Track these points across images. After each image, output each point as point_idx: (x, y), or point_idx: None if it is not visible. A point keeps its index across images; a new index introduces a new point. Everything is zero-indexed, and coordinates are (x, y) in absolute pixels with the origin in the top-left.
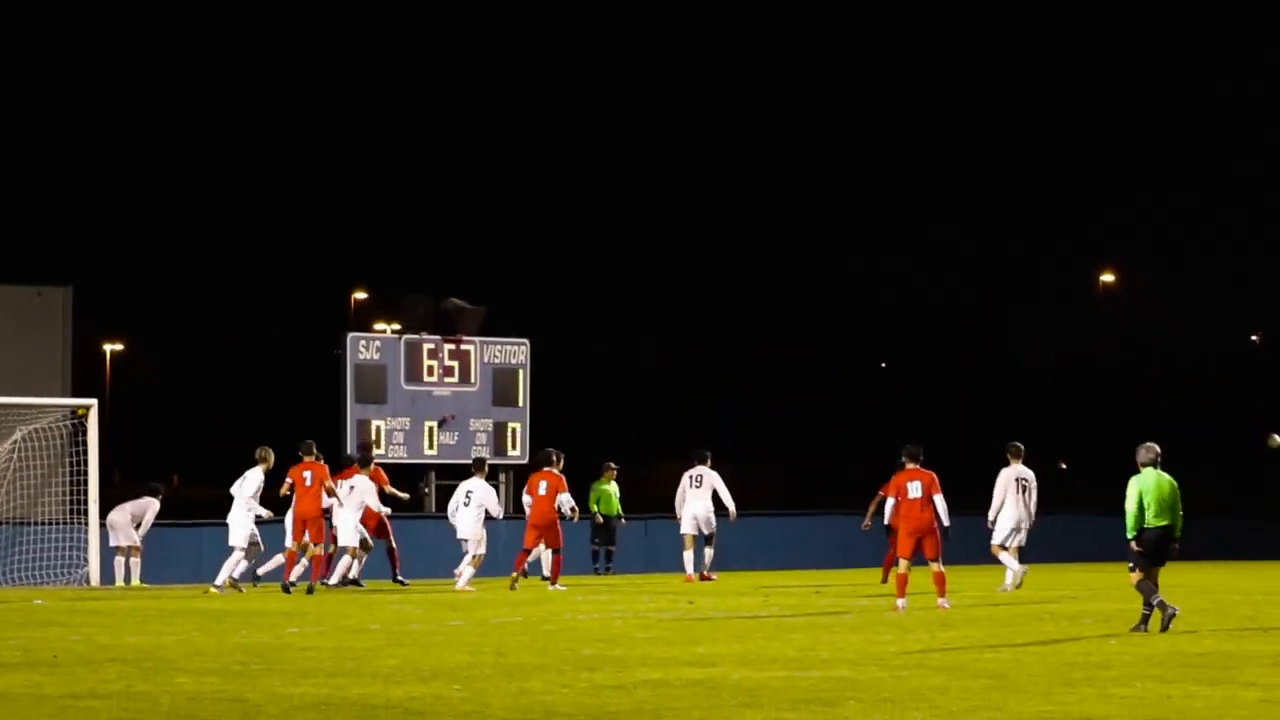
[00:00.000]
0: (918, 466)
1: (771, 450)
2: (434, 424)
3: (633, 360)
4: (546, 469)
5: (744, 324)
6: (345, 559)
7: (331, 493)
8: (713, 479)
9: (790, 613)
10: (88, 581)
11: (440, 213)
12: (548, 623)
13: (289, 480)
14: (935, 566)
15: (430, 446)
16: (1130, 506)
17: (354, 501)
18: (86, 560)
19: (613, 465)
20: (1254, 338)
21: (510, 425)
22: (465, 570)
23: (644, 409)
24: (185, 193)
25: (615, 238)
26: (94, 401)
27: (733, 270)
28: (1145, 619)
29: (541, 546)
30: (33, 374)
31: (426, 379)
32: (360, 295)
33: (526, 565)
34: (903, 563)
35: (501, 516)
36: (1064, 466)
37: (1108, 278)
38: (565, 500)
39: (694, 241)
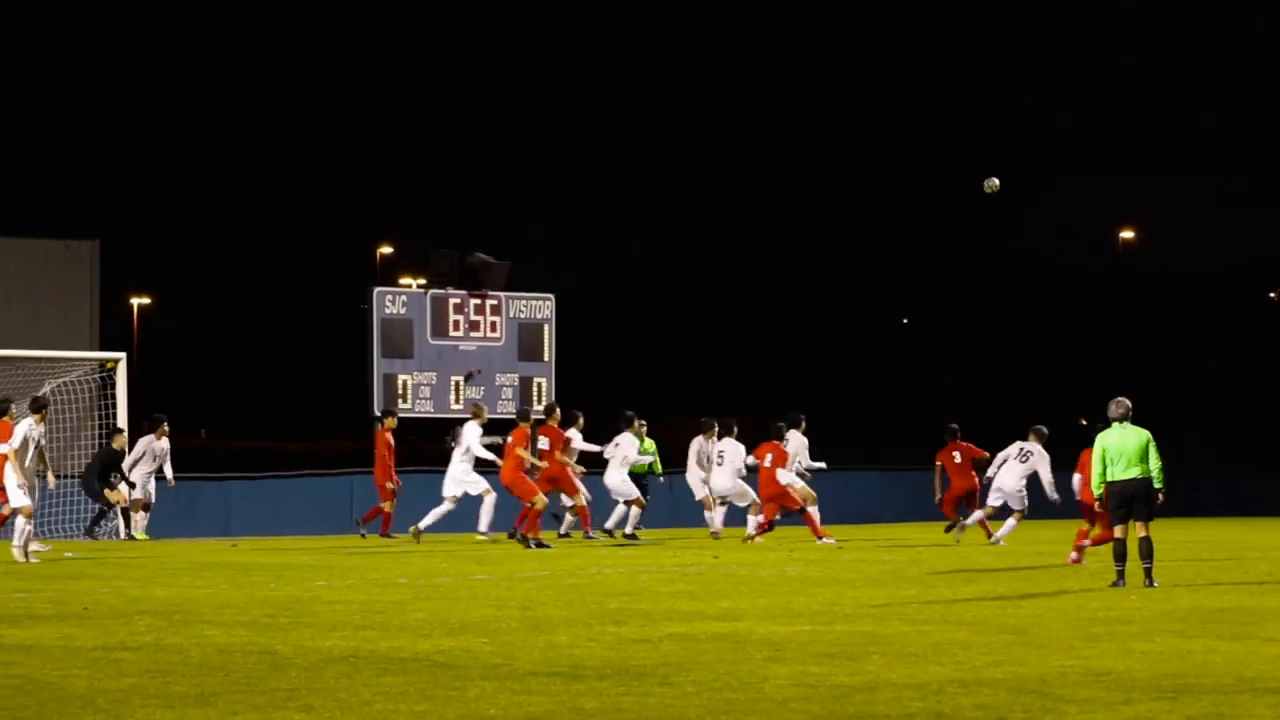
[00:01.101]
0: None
1: (794, 405)
2: (460, 378)
3: (657, 315)
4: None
5: (767, 277)
6: (630, 510)
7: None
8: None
9: (814, 567)
10: (117, 534)
11: (466, 167)
12: (573, 577)
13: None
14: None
15: (456, 401)
16: (1095, 464)
17: (620, 457)
18: (117, 513)
19: (638, 419)
20: (1271, 295)
21: (536, 380)
22: (750, 524)
23: (669, 363)
24: (211, 145)
25: (640, 192)
26: (122, 355)
27: (758, 223)
28: (1120, 574)
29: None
30: (61, 327)
31: (452, 334)
32: (386, 249)
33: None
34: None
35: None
36: (1084, 422)
37: (1127, 234)
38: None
39: (719, 195)
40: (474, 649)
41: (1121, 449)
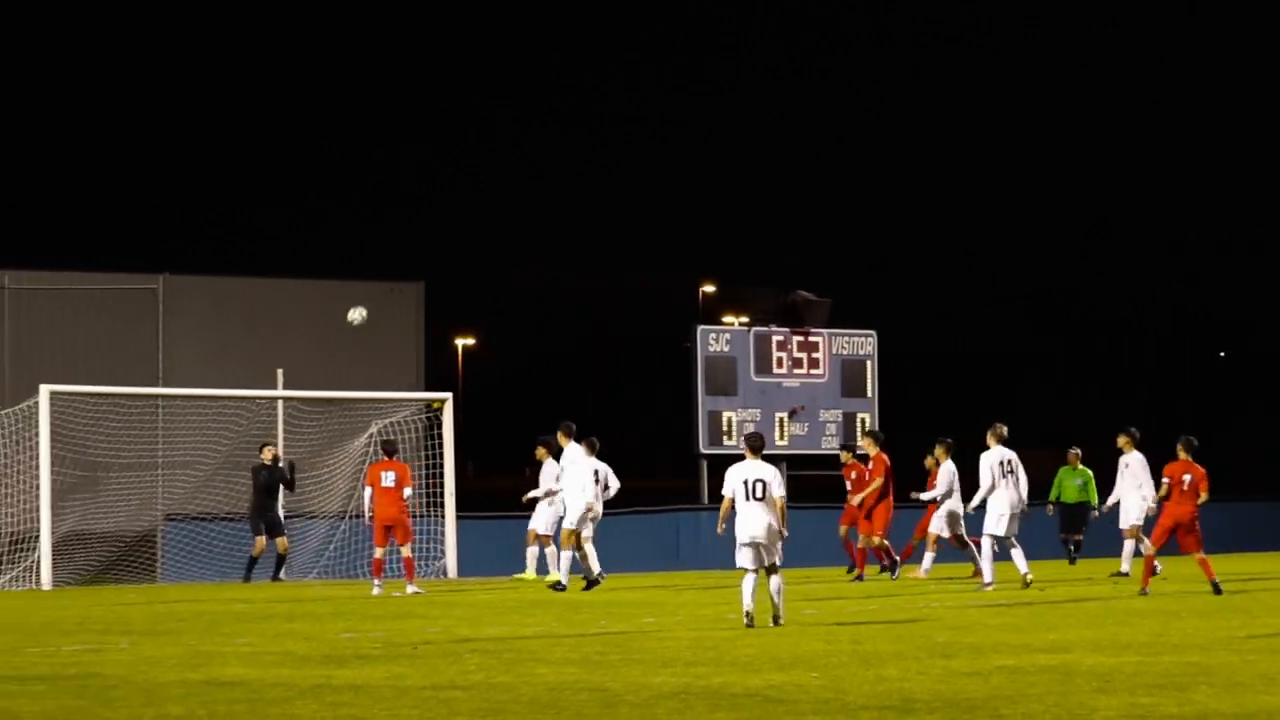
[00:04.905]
0: (1189, 459)
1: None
2: (784, 415)
3: (973, 348)
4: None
5: (1082, 309)
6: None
7: None
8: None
9: (1140, 599)
10: (445, 574)
11: (787, 205)
12: (902, 612)
13: None
14: (1197, 555)
15: (781, 438)
16: None
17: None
18: (443, 552)
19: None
20: None
21: (860, 415)
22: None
23: (984, 396)
24: (534, 187)
25: (958, 229)
26: (449, 395)
27: (1074, 258)
28: None
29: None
30: (388, 368)
31: (776, 370)
32: (708, 288)
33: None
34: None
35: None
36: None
37: None
38: None
39: (1035, 231)
40: (804, 683)
41: None
